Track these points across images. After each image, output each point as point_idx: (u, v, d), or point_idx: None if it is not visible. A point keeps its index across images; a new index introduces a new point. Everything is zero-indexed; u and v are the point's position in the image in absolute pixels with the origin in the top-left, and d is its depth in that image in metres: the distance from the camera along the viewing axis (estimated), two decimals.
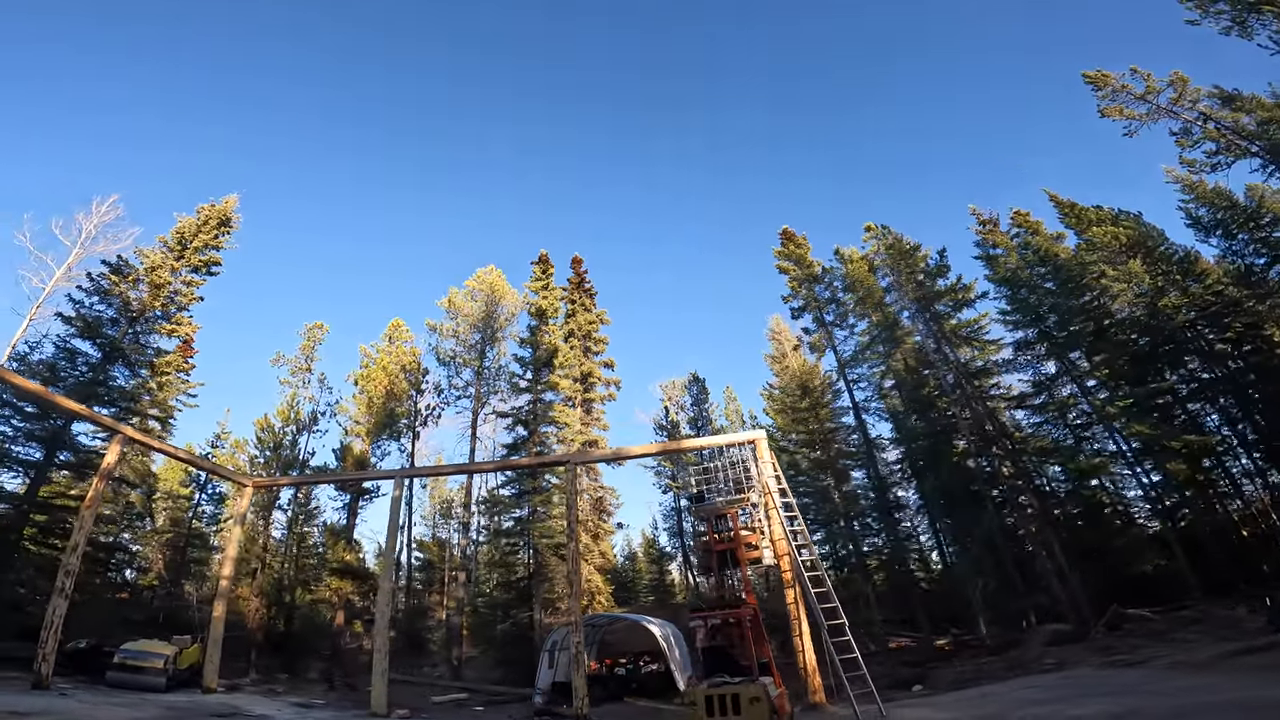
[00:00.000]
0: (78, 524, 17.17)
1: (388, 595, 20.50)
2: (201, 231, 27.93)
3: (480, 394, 33.73)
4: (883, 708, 13.21)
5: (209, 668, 20.29)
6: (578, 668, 16.69)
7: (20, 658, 19.21)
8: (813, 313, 32.71)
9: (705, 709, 10.25)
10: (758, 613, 15.47)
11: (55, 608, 16.06)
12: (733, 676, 11.78)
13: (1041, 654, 19.91)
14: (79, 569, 17.25)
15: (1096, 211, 28.87)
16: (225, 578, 21.36)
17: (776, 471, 18.48)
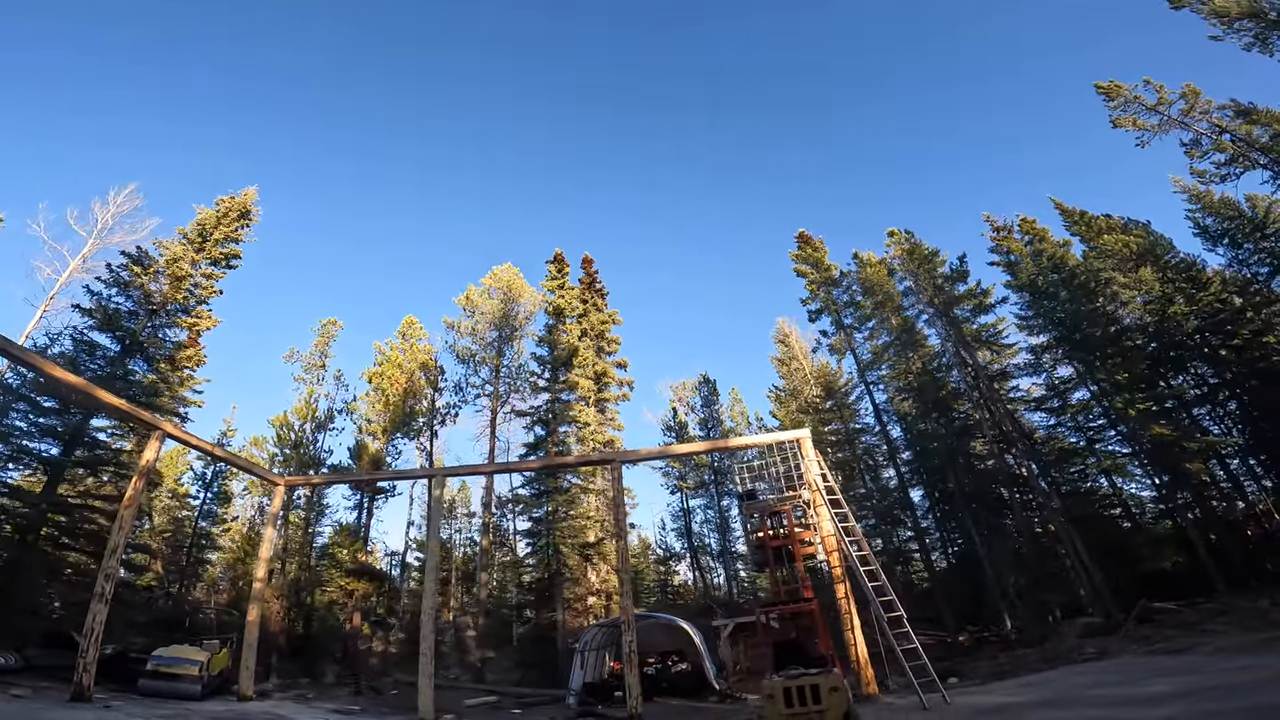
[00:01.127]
0: (116, 524, 15.80)
1: (432, 597, 19.41)
2: (222, 223, 26.42)
3: (499, 393, 32.58)
4: (946, 694, 13.13)
5: (244, 674, 18.96)
6: (631, 667, 16.09)
7: (43, 666, 17.71)
8: (831, 316, 32.34)
9: (784, 701, 9.96)
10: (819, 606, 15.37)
11: (95, 614, 14.72)
12: (806, 668, 11.44)
13: (1078, 645, 19.95)
14: (117, 573, 15.93)
15: (1106, 220, 28.98)
16: (260, 579, 20.03)
17: (823, 469, 18.03)
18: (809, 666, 11.69)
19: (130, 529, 16.34)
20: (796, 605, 15.65)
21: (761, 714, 11.10)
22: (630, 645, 16.71)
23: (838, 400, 29.66)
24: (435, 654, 35.85)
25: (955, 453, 27.10)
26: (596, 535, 29.83)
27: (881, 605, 14.63)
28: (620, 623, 26.14)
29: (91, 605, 14.86)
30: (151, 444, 16.64)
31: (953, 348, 27.92)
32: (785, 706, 9.98)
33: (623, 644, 17.11)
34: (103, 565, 15.41)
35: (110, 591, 15.38)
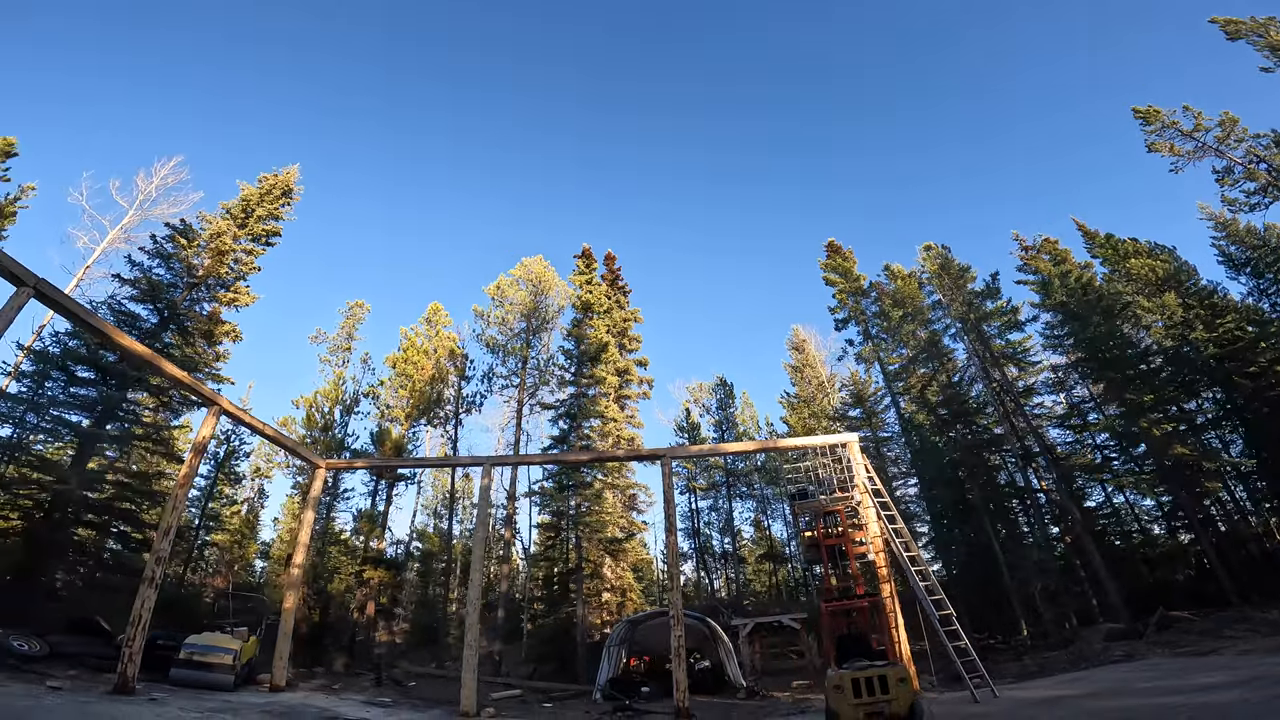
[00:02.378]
0: (169, 504, 14.59)
1: (478, 588, 18.32)
2: (265, 200, 25.12)
3: (525, 384, 31.53)
4: (995, 689, 13.18)
5: (278, 663, 17.75)
6: (679, 661, 15.49)
7: (69, 653, 16.33)
8: (860, 325, 31.83)
9: (853, 692, 10.03)
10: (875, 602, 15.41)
11: (144, 599, 13.50)
12: (871, 661, 11.60)
13: (1105, 648, 19.90)
14: (168, 556, 14.70)
15: (1134, 244, 28.89)
16: (298, 565, 18.85)
17: (870, 472, 17.68)
18: (871, 659, 11.89)
19: (184, 509, 15.07)
20: (861, 600, 15.68)
21: (828, 704, 10.77)
22: (679, 640, 15.87)
23: (866, 409, 29.19)
24: (437, 643, 35.30)
25: (977, 464, 26.79)
26: (613, 533, 29.02)
27: (932, 604, 14.67)
28: (639, 619, 25.61)
29: (140, 590, 13.66)
30: (208, 420, 15.49)
31: (978, 362, 27.63)
32: (854, 697, 10.04)
33: (672, 639, 16.27)
34: (154, 547, 14.18)
35: (160, 576, 14.18)
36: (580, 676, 27.44)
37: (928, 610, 14.67)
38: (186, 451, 32.69)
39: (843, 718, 10.08)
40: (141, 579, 13.88)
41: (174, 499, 14.62)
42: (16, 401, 18.02)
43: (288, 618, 18.28)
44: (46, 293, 11.79)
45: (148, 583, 13.69)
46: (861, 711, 9.96)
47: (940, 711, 12.25)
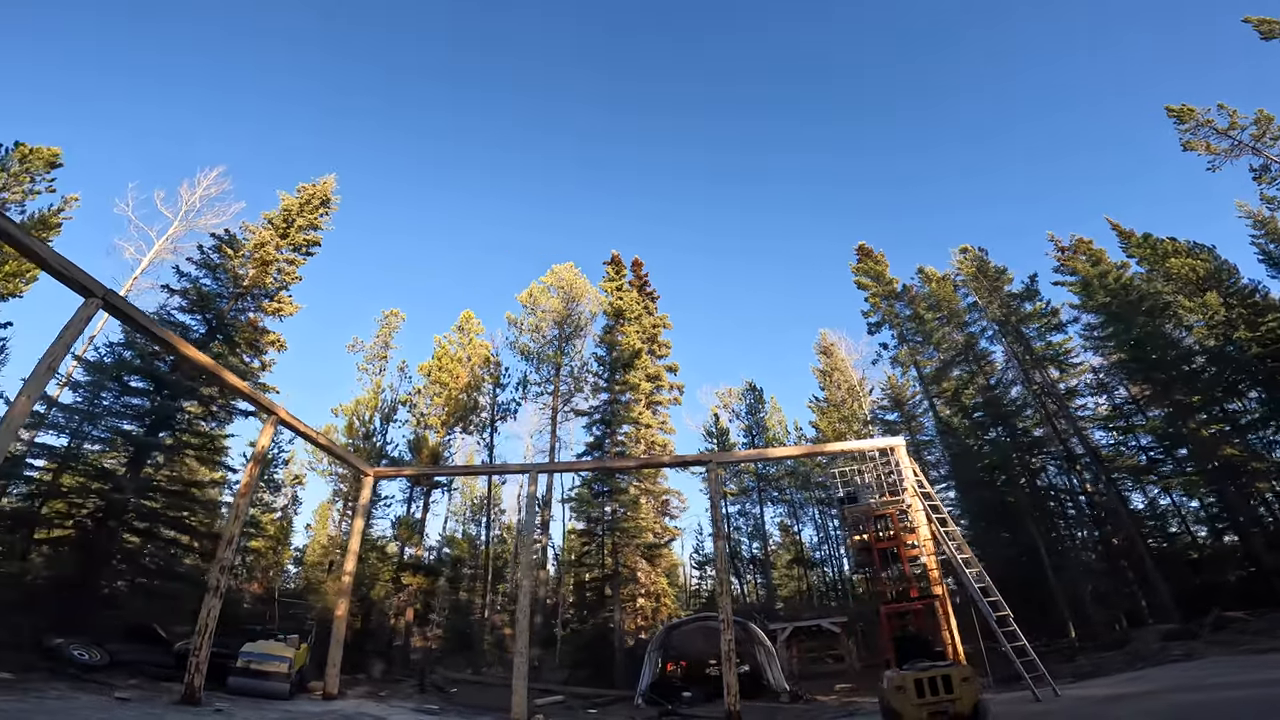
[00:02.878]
0: (233, 514, 14.50)
1: (529, 595, 18.13)
2: (304, 210, 25.15)
3: (559, 390, 31.34)
4: (1056, 688, 13.02)
5: (330, 671, 17.57)
6: (729, 666, 15.39)
7: (128, 661, 16.20)
8: (895, 329, 31.42)
9: (916, 692, 9.98)
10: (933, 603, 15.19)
11: (210, 608, 13.38)
12: (932, 661, 11.63)
13: (1162, 648, 19.46)
14: (231, 565, 14.59)
15: (1172, 243, 28.29)
16: (348, 573, 18.68)
17: (919, 476, 17.51)
18: (932, 660, 11.87)
19: (246, 518, 14.97)
20: (918, 602, 15.83)
21: (889, 705, 10.60)
22: (730, 644, 15.71)
23: (905, 413, 28.73)
24: (472, 649, 35.04)
25: (1018, 467, 26.31)
26: (648, 538, 28.73)
27: (989, 605, 14.52)
28: (680, 624, 25.29)
29: (206, 600, 13.55)
30: (266, 429, 15.42)
31: (1017, 364, 27.15)
32: (917, 697, 9.96)
33: (722, 643, 15.90)
34: (218, 556, 14.07)
35: (224, 584, 14.06)
36: (617, 682, 27.08)
37: (984, 611, 14.44)
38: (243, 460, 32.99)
39: (905, 718, 10.01)
40: (207, 588, 13.78)
41: (236, 508, 14.51)
42: (72, 411, 18.03)
43: (339, 625, 18.11)
44: (114, 303, 11.72)
45: (213, 592, 13.57)
46: (925, 711, 9.88)
47: (1003, 711, 11.93)
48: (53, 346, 10.92)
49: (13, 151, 22.89)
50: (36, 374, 10.59)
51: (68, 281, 11.17)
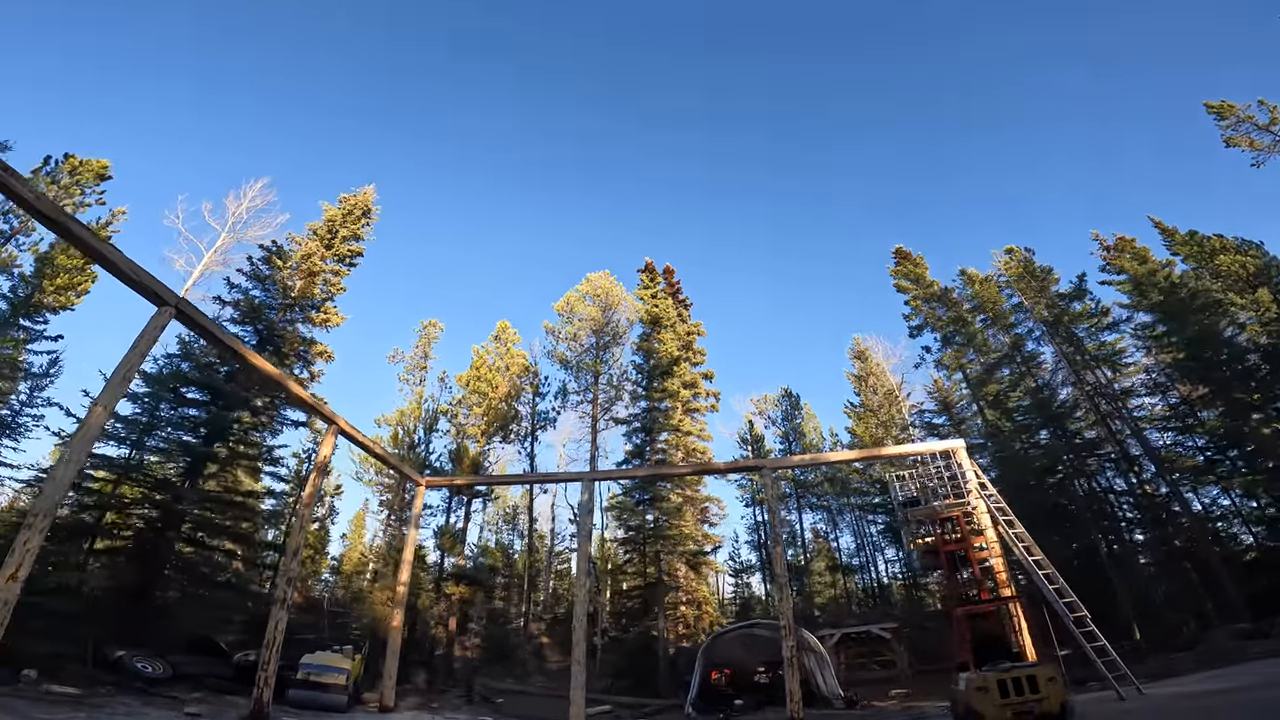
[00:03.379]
0: (296, 524, 14.25)
1: (584, 603, 17.69)
2: (348, 221, 25.08)
3: (598, 399, 30.95)
4: (1139, 686, 12.88)
5: (387, 682, 17.23)
6: (792, 671, 14.91)
7: (190, 674, 15.93)
8: (940, 332, 30.70)
9: (1000, 692, 9.95)
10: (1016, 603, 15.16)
11: (277, 621, 13.06)
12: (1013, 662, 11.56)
13: (1239, 647, 18.89)
14: (297, 576, 14.27)
15: (1220, 240, 27.47)
16: (402, 583, 18.40)
17: (981, 478, 17.37)
18: (1009, 660, 11.85)
19: (309, 527, 14.70)
20: (991, 604, 15.46)
21: (970, 706, 10.61)
22: (792, 650, 15.35)
23: (953, 416, 28.01)
24: (510, 659, 34.56)
25: (1072, 468, 25.54)
26: (689, 546, 28.21)
27: (1065, 605, 14.29)
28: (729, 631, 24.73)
29: (273, 611, 13.25)
30: (327, 440, 15.18)
31: (1068, 365, 26.41)
32: (1001, 697, 9.91)
33: (784, 649, 15.55)
34: (283, 568, 13.84)
35: (291, 596, 13.77)
36: (661, 691, 26.53)
37: (1060, 612, 14.20)
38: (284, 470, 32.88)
39: (988, 718, 9.94)
40: (273, 600, 13.52)
41: (300, 519, 14.24)
42: (129, 423, 17.91)
43: (394, 636, 17.80)
44: (187, 311, 11.54)
45: (280, 604, 13.29)
46: (1009, 711, 9.80)
47: (1091, 711, 11.64)
48: (128, 356, 10.73)
49: (63, 164, 23.04)
50: (112, 384, 10.40)
51: (141, 289, 10.99)
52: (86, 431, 9.91)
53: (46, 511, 9.09)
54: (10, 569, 8.54)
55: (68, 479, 9.42)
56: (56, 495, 9.26)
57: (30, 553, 8.71)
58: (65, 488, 9.41)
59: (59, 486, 9.26)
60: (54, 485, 9.24)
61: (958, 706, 12.06)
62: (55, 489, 9.25)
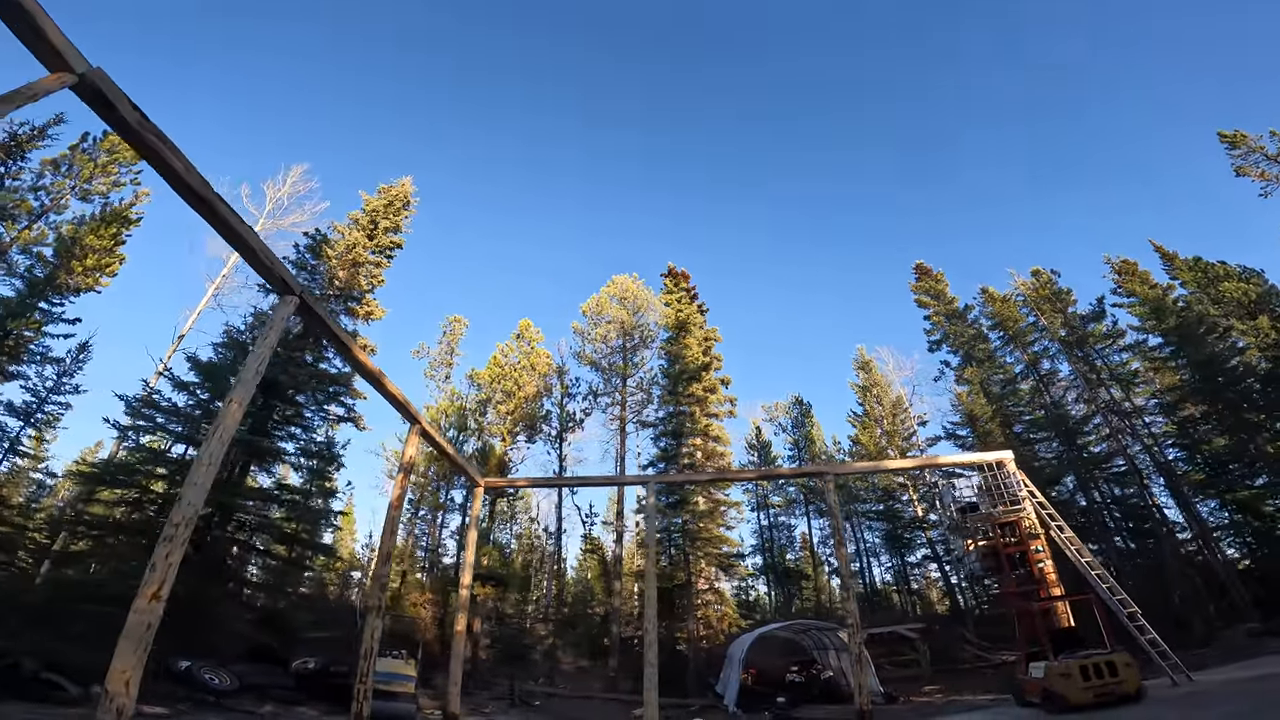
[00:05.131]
0: (386, 527, 13.09)
1: (653, 602, 16.98)
2: (388, 212, 23.67)
3: (625, 401, 30.07)
4: (1190, 675, 13.36)
5: (452, 689, 16.13)
6: (860, 667, 14.99)
7: (256, 684, 14.62)
8: (961, 348, 30.71)
9: (1082, 676, 10.69)
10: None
11: (373, 629, 11.97)
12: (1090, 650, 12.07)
13: (1254, 643, 19.73)
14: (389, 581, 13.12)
15: (1224, 267, 28.25)
16: (465, 586, 17.27)
17: (1030, 486, 17.84)
18: (1086, 649, 12.32)
19: (398, 531, 13.62)
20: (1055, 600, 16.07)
21: (1051, 690, 11.40)
22: (859, 646, 15.42)
23: (977, 429, 28.06)
24: (523, 660, 33.41)
25: (1086, 481, 25.97)
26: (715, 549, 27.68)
27: (1118, 602, 14.80)
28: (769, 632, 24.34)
29: (369, 620, 12.17)
30: (411, 439, 14.13)
31: (1084, 383, 26.80)
32: (1084, 680, 10.65)
33: (851, 645, 15.98)
34: (374, 573, 12.71)
35: (385, 602, 12.68)
36: (689, 691, 25.93)
37: (1114, 608, 14.73)
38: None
39: (1071, 701, 10.72)
40: (368, 608, 12.38)
41: (389, 521, 13.14)
42: (182, 417, 16.42)
43: (458, 640, 16.69)
44: (308, 302, 10.57)
45: (375, 612, 12.20)
46: (1092, 693, 10.59)
47: (1159, 695, 12.10)
48: (258, 349, 9.65)
49: (100, 141, 21.14)
50: (245, 379, 9.32)
51: (271, 277, 10.02)
52: (223, 432, 8.77)
53: (187, 521, 7.95)
54: (152, 586, 7.45)
55: (207, 483, 8.29)
56: (197, 502, 8.13)
57: (171, 567, 7.60)
58: (205, 492, 8.23)
59: (199, 491, 8.12)
60: (193, 490, 8.09)
61: (1026, 693, 13.01)
62: (195, 494, 8.10)
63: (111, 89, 6.97)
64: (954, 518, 18.85)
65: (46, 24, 6.12)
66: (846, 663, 23.93)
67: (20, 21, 5.95)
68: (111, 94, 6.97)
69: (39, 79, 6.39)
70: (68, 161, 21.20)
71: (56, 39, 6.27)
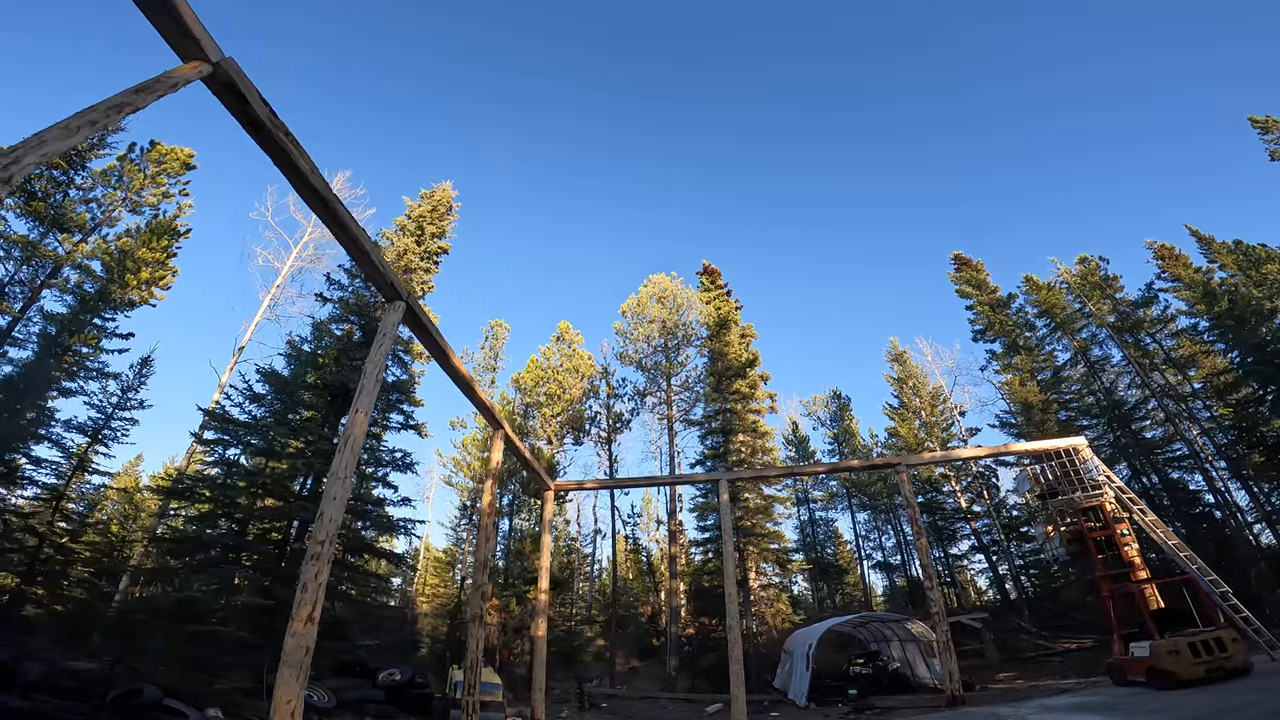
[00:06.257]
0: (482, 534, 12.67)
1: (734, 599, 16.54)
2: (434, 217, 23.22)
3: (671, 401, 29.57)
4: None
5: (536, 695, 15.66)
6: (949, 655, 15.19)
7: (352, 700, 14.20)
8: (1007, 338, 30.12)
9: (1191, 653, 10.93)
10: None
11: (476, 639, 11.55)
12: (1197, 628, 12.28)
13: None
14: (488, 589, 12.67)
15: (1265, 250, 27.66)
16: (544, 591, 16.77)
17: (1106, 471, 17.85)
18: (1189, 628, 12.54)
19: (494, 538, 13.15)
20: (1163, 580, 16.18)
21: (1159, 668, 11.52)
22: (947, 634, 15.49)
23: (1033, 418, 27.44)
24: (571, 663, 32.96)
25: (1143, 466, 25.40)
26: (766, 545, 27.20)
27: (1209, 583, 14.84)
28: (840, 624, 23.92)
29: (472, 630, 11.75)
30: (497, 445, 13.71)
31: (1136, 368, 26.20)
32: (1193, 657, 10.91)
33: (939, 632, 15.66)
34: (475, 582, 12.24)
35: (484, 611, 12.22)
36: (750, 687, 25.42)
37: (1206, 589, 14.73)
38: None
39: (1182, 677, 10.89)
40: (469, 618, 11.95)
41: (483, 529, 12.71)
42: (252, 429, 16.00)
43: (540, 645, 16.22)
44: (413, 308, 10.17)
45: (476, 621, 11.77)
46: (1202, 669, 10.81)
47: (1265, 669, 12.14)
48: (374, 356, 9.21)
49: (148, 151, 20.73)
50: (366, 388, 8.85)
51: (380, 282, 9.60)
52: (352, 442, 8.33)
53: (330, 537, 7.52)
54: (305, 608, 6.96)
55: (344, 496, 7.85)
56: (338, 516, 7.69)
57: (321, 586, 7.13)
58: (344, 507, 7.82)
59: (338, 506, 7.67)
60: (333, 505, 7.61)
61: (1128, 673, 13.10)
62: (335, 509, 7.63)
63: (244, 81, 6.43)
64: (1032, 505, 18.64)
65: (184, 9, 5.62)
66: (913, 653, 23.53)
67: (157, 7, 5.46)
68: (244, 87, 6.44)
69: (175, 68, 5.92)
70: (116, 172, 20.83)
71: (194, 25, 5.79)
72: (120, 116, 5.43)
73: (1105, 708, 11.16)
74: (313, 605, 6.97)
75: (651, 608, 33.13)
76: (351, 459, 8.54)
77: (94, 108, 5.14)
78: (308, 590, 7.00)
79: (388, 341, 9.44)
